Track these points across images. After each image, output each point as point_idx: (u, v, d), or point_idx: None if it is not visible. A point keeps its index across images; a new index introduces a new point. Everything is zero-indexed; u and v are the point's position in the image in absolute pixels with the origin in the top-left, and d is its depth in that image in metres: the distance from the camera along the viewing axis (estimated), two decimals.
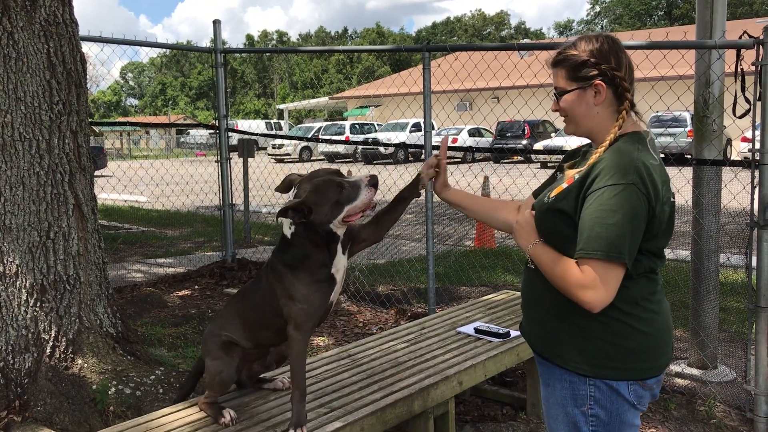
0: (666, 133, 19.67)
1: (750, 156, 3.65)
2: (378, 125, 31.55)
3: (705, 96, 4.06)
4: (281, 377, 2.88)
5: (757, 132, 3.57)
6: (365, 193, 2.30)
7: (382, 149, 26.08)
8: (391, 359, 3.20)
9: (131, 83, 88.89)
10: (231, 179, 6.60)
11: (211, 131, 6.89)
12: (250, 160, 9.54)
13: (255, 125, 39.58)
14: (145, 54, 31.04)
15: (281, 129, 41.31)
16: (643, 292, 1.87)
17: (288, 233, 2.43)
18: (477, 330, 3.56)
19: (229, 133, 6.65)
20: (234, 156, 7.24)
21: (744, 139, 17.27)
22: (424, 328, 3.71)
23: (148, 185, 13.31)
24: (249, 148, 9.39)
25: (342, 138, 27.83)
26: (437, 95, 5.58)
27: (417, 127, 26.95)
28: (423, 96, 4.86)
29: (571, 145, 2.21)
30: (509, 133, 25.71)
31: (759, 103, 3.53)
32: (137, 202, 14.77)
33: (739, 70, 3.65)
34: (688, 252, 5.12)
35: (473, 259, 7.50)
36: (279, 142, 30.35)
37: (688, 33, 4.83)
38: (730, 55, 3.92)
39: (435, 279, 5.08)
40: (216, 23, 6.38)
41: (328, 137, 27.43)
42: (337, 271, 2.45)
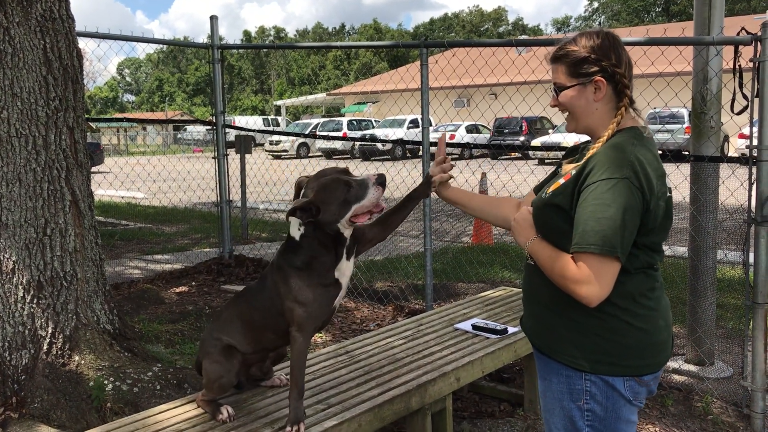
0: (663, 130, 19.69)
1: (748, 152, 3.65)
2: (375, 121, 31.52)
3: (703, 92, 4.06)
4: (279, 374, 2.88)
5: (755, 128, 3.57)
6: (373, 192, 2.30)
7: (379, 145, 26.07)
8: (389, 356, 3.20)
9: (128, 79, 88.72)
10: (228, 175, 6.59)
11: (208, 127, 6.87)
12: (247, 156, 9.52)
13: (252, 122, 39.51)
14: (142, 50, 30.97)
15: (278, 125, 41.25)
16: (641, 288, 1.87)
17: (296, 234, 2.42)
18: (474, 326, 3.56)
19: (227, 130, 6.64)
20: (231, 152, 7.24)
21: (741, 136, 17.30)
22: (421, 324, 3.71)
23: (145, 181, 13.28)
24: (246, 144, 9.38)
25: (339, 134, 27.83)
26: (435, 91, 5.57)
27: (414, 124, 26.94)
28: (421, 92, 4.86)
29: (569, 142, 2.20)
30: (507, 130, 25.71)
31: (757, 100, 3.53)
32: (134, 198, 14.75)
33: (737, 66, 3.64)
34: (685, 248, 5.12)
35: (471, 256, 7.51)
36: (276, 138, 30.31)
37: (686, 29, 4.83)
38: (727, 52, 3.92)
39: (432, 275, 5.08)
40: (213, 19, 6.37)
41: (325, 134, 27.41)
42: (342, 276, 2.45)
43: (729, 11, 43.43)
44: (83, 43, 4.39)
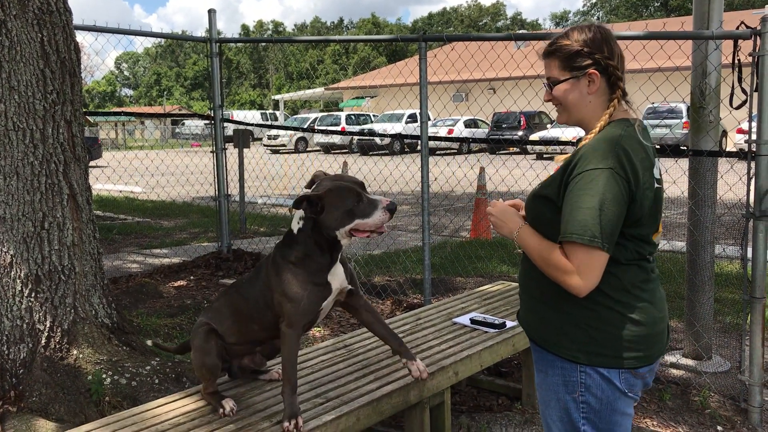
0: (662, 125, 19.69)
1: (745, 147, 3.65)
2: (374, 116, 31.48)
3: (702, 87, 4.06)
4: (277, 368, 2.88)
5: (754, 123, 3.57)
6: (379, 215, 2.30)
7: (377, 140, 26.05)
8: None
9: (126, 73, 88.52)
10: (226, 170, 6.58)
11: (207, 122, 6.85)
12: (245, 150, 9.51)
13: (250, 116, 39.46)
14: (140, 44, 30.92)
15: (277, 120, 41.20)
16: (635, 280, 1.87)
17: (295, 228, 2.45)
18: (473, 320, 3.56)
19: (225, 124, 6.62)
20: (229, 147, 7.22)
21: (740, 131, 17.29)
22: (420, 318, 3.71)
23: (143, 176, 13.26)
24: (244, 138, 9.37)
25: (338, 129, 27.79)
26: (433, 86, 5.56)
27: (413, 118, 26.90)
28: (419, 86, 4.84)
29: (567, 137, 2.21)
30: (505, 124, 25.69)
31: (756, 94, 3.53)
32: (132, 192, 14.73)
33: (737, 61, 3.64)
34: (683, 243, 5.13)
35: (469, 250, 7.51)
36: (274, 132, 30.27)
37: (685, 23, 4.82)
38: (726, 46, 3.91)
39: (431, 270, 5.08)
40: (211, 12, 6.35)
41: (323, 128, 27.35)
42: (334, 280, 2.47)
43: (728, 6, 43.31)
44: (81, 37, 4.38)
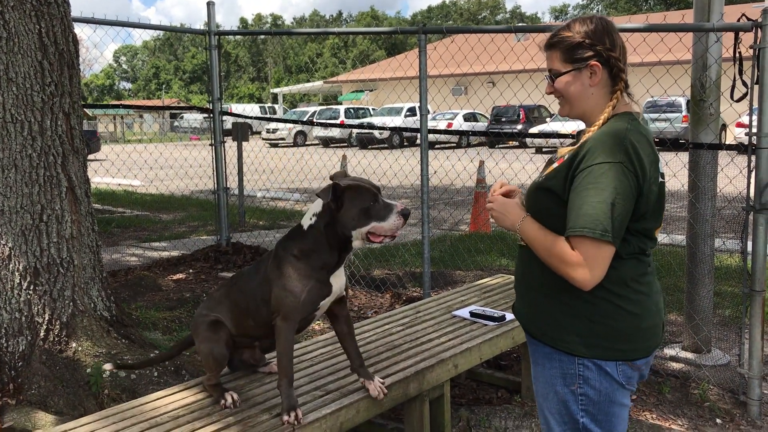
0: (661, 118, 19.67)
1: (746, 140, 3.64)
2: (373, 109, 31.44)
3: (702, 80, 4.04)
4: (275, 361, 2.88)
5: (755, 116, 3.56)
6: (394, 219, 2.34)
7: (377, 134, 26.02)
8: (387, 342, 3.20)
9: (124, 67, 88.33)
10: (225, 163, 6.57)
11: (205, 115, 6.83)
12: (244, 144, 9.49)
13: (249, 109, 39.37)
14: (138, 36, 30.87)
15: (275, 113, 41.13)
16: (633, 273, 1.87)
17: (306, 223, 2.45)
18: (472, 313, 3.56)
19: (224, 117, 6.61)
20: (228, 140, 7.20)
21: (739, 125, 17.27)
22: (419, 311, 3.71)
23: (141, 169, 13.24)
24: (243, 132, 9.36)
25: (337, 122, 27.74)
26: (433, 79, 5.55)
27: (412, 112, 26.85)
28: (419, 79, 4.83)
29: (567, 130, 2.21)
30: (504, 118, 25.67)
31: (756, 87, 3.52)
32: (131, 185, 14.71)
33: (737, 53, 3.62)
34: (683, 236, 5.12)
35: (468, 244, 7.51)
36: (273, 126, 30.23)
37: (685, 16, 4.81)
38: (727, 39, 3.89)
39: (430, 263, 5.07)
40: (210, 5, 6.32)
41: (322, 121, 27.33)
42: (335, 282, 2.49)
43: None
44: (79, 30, 4.35)
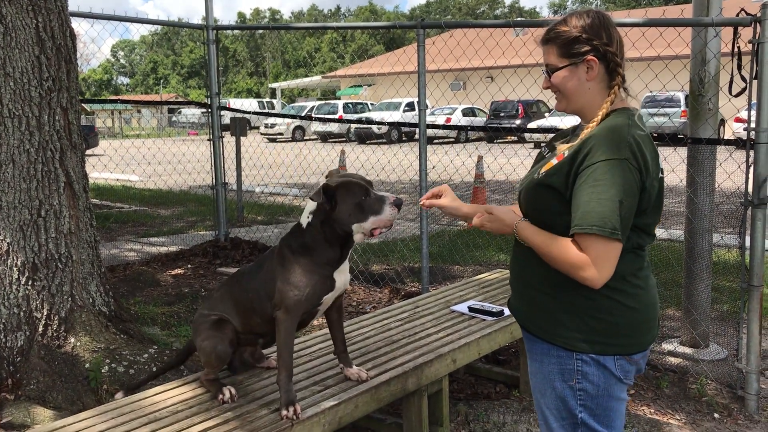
0: (660, 113, 19.66)
1: (745, 135, 3.63)
2: (371, 104, 31.40)
3: (701, 74, 4.04)
4: (275, 355, 2.88)
5: (753, 111, 3.56)
6: (389, 210, 2.37)
7: (375, 128, 25.99)
8: (385, 337, 3.20)
9: (122, 61, 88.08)
10: (223, 158, 6.56)
11: (203, 110, 6.82)
12: (242, 139, 9.48)
13: (247, 104, 39.30)
14: (136, 31, 30.77)
15: (274, 108, 41.06)
16: (631, 268, 1.87)
17: (304, 222, 2.48)
18: (471, 308, 3.56)
19: (222, 112, 6.59)
20: (226, 135, 7.19)
21: (738, 119, 17.26)
22: (417, 306, 3.71)
23: (140, 164, 13.22)
24: (241, 127, 9.33)
25: (335, 117, 27.71)
26: (431, 74, 5.53)
27: (411, 107, 26.82)
28: (417, 74, 4.82)
29: (567, 125, 2.20)
30: (503, 113, 25.65)
31: (755, 82, 3.52)
32: (129, 181, 14.69)
33: (736, 48, 3.62)
34: (681, 231, 5.13)
35: (467, 239, 7.51)
36: (272, 121, 30.17)
37: (684, 11, 4.80)
38: (726, 34, 3.89)
39: (429, 258, 5.07)
40: None
41: (321, 116, 27.29)
42: (339, 277, 2.51)
43: None
44: (76, 24, 4.34)
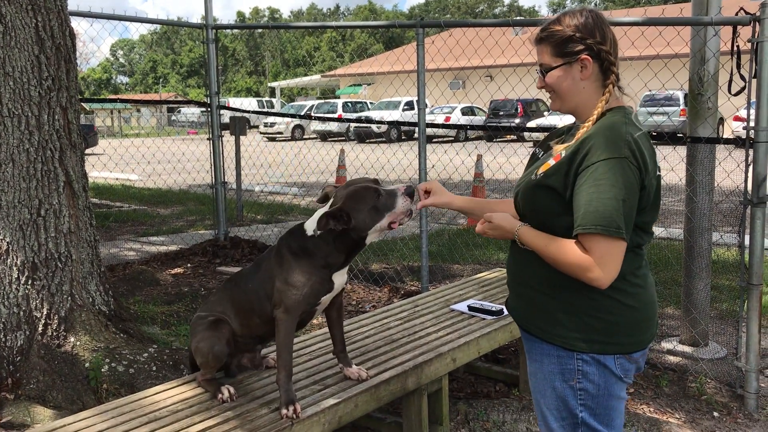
0: (659, 112, 19.66)
1: (743, 135, 3.64)
2: (371, 103, 31.38)
3: (700, 74, 4.04)
4: (273, 354, 2.88)
5: (752, 110, 3.56)
6: (402, 201, 2.35)
7: (374, 127, 25.98)
8: (385, 337, 3.21)
9: (121, 61, 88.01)
10: (223, 157, 6.56)
11: (203, 109, 6.82)
12: (242, 138, 9.47)
13: (247, 103, 39.26)
14: (135, 30, 30.75)
15: (273, 107, 41.03)
16: (630, 267, 1.87)
17: (309, 231, 2.45)
18: (470, 307, 3.57)
19: (221, 111, 6.59)
20: (226, 134, 7.19)
21: (737, 118, 17.27)
22: (417, 305, 3.71)
23: (139, 163, 13.22)
24: (241, 126, 9.33)
25: (335, 116, 27.70)
26: (431, 73, 5.54)
27: (410, 106, 26.81)
28: (417, 73, 4.82)
29: (565, 124, 2.20)
30: (502, 112, 25.64)
31: (754, 81, 3.52)
32: (129, 180, 14.69)
33: (735, 47, 3.62)
34: (681, 230, 5.13)
35: (466, 238, 7.51)
36: (271, 120, 30.15)
37: (683, 10, 4.80)
38: (725, 33, 3.89)
39: (428, 257, 5.07)
40: None
41: (320, 115, 27.27)
42: (337, 278, 2.51)
43: None
44: (76, 23, 4.34)
